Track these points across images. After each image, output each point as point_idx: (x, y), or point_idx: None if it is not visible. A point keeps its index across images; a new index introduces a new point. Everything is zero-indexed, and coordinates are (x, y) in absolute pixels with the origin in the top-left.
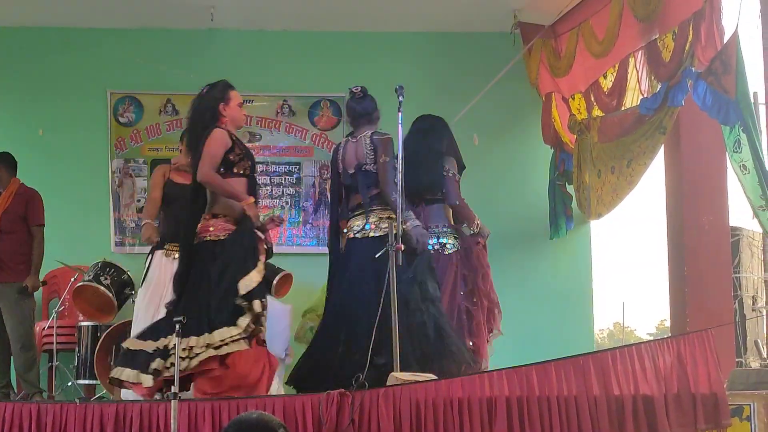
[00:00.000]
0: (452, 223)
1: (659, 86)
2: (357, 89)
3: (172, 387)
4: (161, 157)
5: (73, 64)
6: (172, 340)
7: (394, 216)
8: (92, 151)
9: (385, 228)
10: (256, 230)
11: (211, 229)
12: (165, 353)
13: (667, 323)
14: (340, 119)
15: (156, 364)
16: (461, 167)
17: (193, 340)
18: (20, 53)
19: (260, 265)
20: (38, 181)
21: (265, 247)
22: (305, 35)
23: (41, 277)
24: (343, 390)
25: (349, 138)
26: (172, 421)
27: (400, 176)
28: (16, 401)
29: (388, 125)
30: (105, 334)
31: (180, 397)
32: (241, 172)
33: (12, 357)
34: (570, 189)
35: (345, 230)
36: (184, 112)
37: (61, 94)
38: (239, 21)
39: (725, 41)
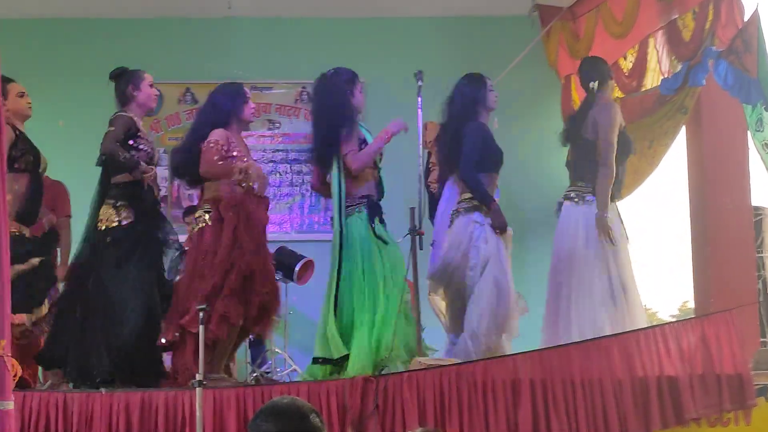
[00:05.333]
0: None
1: (680, 66)
2: None
3: (197, 375)
4: None
5: (91, 54)
6: None
7: None
8: None
9: None
10: None
11: None
12: None
13: (690, 305)
14: None
15: None
16: None
17: None
18: (38, 44)
19: None
20: (57, 171)
21: None
22: (323, 22)
23: None
24: (367, 375)
25: None
26: (197, 408)
27: (420, 162)
28: (42, 391)
29: (408, 110)
30: None
31: (205, 384)
32: None
33: None
34: None
35: None
36: (203, 101)
37: (80, 85)
38: (256, 9)
39: (746, 20)
